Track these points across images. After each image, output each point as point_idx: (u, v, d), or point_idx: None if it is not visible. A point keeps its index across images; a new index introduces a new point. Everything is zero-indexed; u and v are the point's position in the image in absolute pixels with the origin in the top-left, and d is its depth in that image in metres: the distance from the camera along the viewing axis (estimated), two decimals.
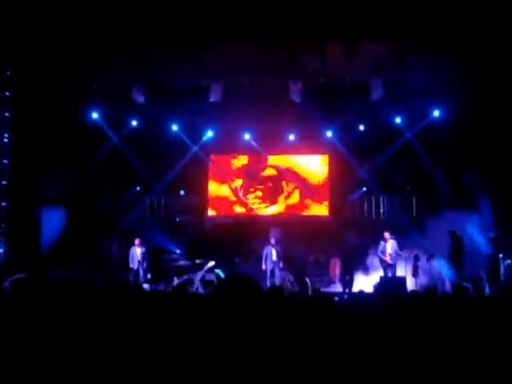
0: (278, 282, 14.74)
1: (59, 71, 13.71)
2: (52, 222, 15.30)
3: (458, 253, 14.08)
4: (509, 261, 13.44)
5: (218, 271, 15.56)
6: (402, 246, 14.91)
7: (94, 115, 16.28)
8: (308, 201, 18.71)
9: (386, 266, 14.59)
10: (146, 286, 14.31)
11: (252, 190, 18.88)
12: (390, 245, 14.65)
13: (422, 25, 11.64)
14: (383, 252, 14.66)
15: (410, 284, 13.77)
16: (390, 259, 14.54)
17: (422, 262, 14.95)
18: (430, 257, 14.82)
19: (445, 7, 11.12)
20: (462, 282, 12.00)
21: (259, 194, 18.85)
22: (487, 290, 12.55)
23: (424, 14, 11.32)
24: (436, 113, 15.77)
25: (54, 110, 14.79)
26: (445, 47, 12.45)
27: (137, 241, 15.32)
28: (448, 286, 13.02)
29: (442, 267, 14.33)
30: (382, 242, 14.78)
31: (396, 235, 14.94)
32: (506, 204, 14.22)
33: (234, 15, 11.51)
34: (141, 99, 14.66)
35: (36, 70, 13.57)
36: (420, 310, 4.73)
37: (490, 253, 14.11)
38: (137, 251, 15.22)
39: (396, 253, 14.63)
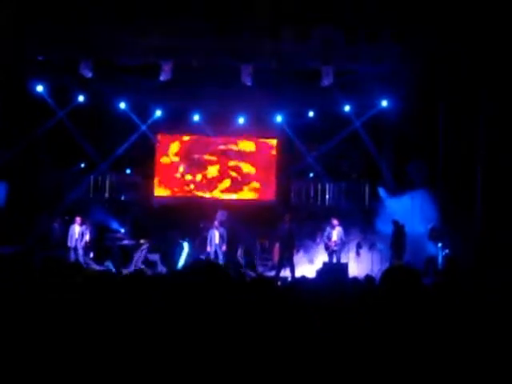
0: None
1: (4, 40, 13.22)
2: None
3: (399, 241, 14.42)
4: (447, 250, 13.84)
5: (185, 244, 15.48)
6: (345, 232, 15.14)
7: (39, 88, 15.81)
8: (254, 184, 18.78)
9: (331, 252, 14.76)
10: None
11: (197, 171, 18.80)
12: (336, 232, 14.81)
13: (373, 14, 11.76)
14: (329, 238, 14.81)
15: (352, 270, 14.01)
16: (335, 246, 14.72)
17: (364, 249, 15.25)
18: (372, 244, 15.11)
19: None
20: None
21: (199, 177, 18.79)
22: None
23: (375, 4, 11.44)
24: (384, 103, 16.00)
25: None
26: (394, 37, 12.62)
27: (78, 219, 14.97)
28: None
29: (383, 255, 14.67)
30: (328, 228, 14.92)
31: (340, 222, 15.14)
32: (448, 195, 14.59)
33: None
34: (88, 74, 14.27)
35: None
36: (360, 296, 4.82)
37: (428, 242, 14.52)
38: (75, 229, 14.89)
39: (341, 240, 14.82)
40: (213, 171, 18.82)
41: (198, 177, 18.81)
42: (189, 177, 18.84)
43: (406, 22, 11.91)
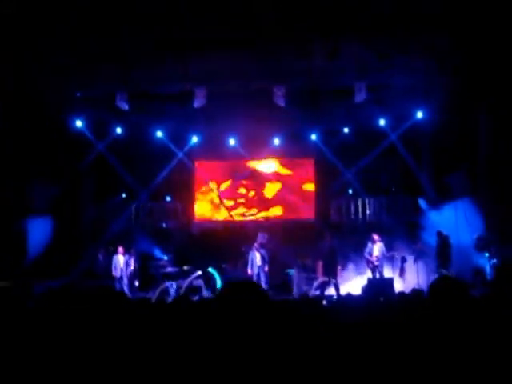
0: (264, 286, 14.64)
1: (43, 79, 13.61)
2: (39, 231, 15.17)
3: (444, 252, 14.17)
4: (495, 260, 13.53)
5: (212, 271, 15.48)
6: (388, 247, 14.97)
7: (78, 123, 16.20)
8: (293, 205, 18.75)
9: (373, 268, 14.61)
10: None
11: (237, 194, 18.88)
12: (377, 247, 14.67)
13: (404, 28, 11.71)
14: (370, 253, 14.68)
15: (398, 285, 13.81)
16: (377, 261, 14.56)
17: (409, 263, 15.02)
18: (416, 257, 14.88)
19: (425, 10, 11.21)
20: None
21: (243, 200, 18.82)
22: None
23: (406, 18, 11.39)
24: (419, 114, 15.84)
25: (38, 119, 14.69)
26: (427, 50, 12.53)
27: (120, 248, 15.22)
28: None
29: (428, 267, 14.42)
30: (369, 244, 14.79)
31: (383, 237, 14.98)
32: (493, 203, 14.33)
33: (216, 20, 11.49)
34: (125, 106, 14.57)
35: (20, 78, 13.46)
36: (408, 311, 4.75)
37: (474, 252, 14.23)
38: (119, 259, 15.13)
39: (383, 255, 14.66)
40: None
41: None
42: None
43: (437, 33, 11.82)
